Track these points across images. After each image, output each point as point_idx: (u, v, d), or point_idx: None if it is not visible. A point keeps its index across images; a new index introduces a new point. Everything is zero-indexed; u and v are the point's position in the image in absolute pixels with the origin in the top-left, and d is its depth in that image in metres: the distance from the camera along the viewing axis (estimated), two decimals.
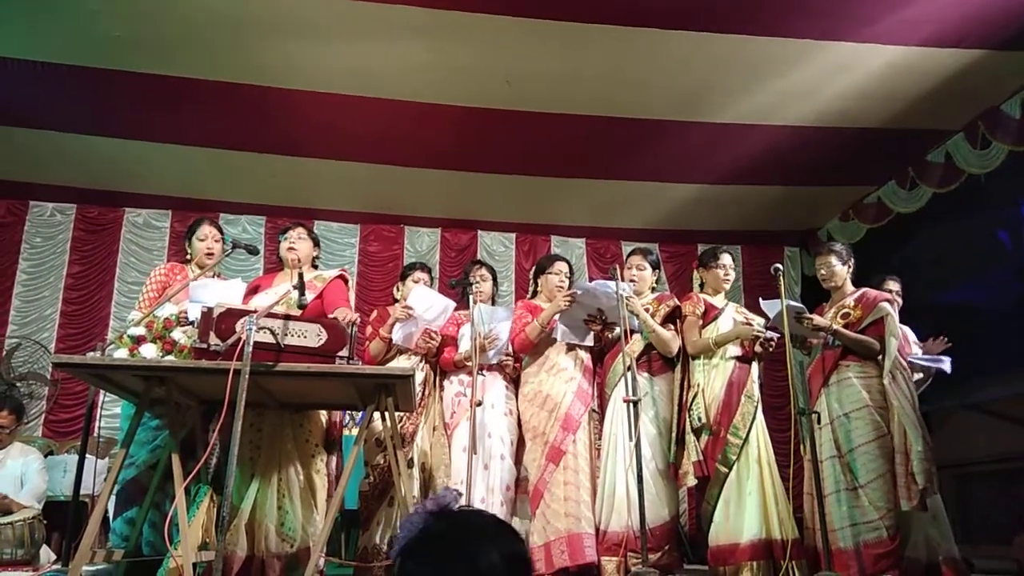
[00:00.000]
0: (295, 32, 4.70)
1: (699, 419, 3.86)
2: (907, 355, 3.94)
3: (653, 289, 4.29)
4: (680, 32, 4.67)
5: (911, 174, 6.15)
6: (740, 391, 3.88)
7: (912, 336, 4.37)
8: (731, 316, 4.10)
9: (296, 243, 3.81)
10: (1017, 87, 5.14)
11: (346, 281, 3.89)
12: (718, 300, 4.15)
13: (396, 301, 4.13)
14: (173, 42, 4.80)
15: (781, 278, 3.73)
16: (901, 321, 4.07)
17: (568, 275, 4.26)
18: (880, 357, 3.76)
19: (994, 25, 4.55)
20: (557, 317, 3.99)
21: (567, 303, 3.92)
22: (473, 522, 1.22)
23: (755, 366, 4.00)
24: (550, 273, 4.25)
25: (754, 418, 3.83)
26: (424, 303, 3.89)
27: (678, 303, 4.15)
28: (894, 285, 4.32)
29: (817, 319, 3.84)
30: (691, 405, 3.92)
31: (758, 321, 4.03)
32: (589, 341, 4.09)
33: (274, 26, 4.65)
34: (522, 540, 1.23)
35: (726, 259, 4.17)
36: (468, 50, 4.87)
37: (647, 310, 4.08)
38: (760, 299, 3.99)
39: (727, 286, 4.18)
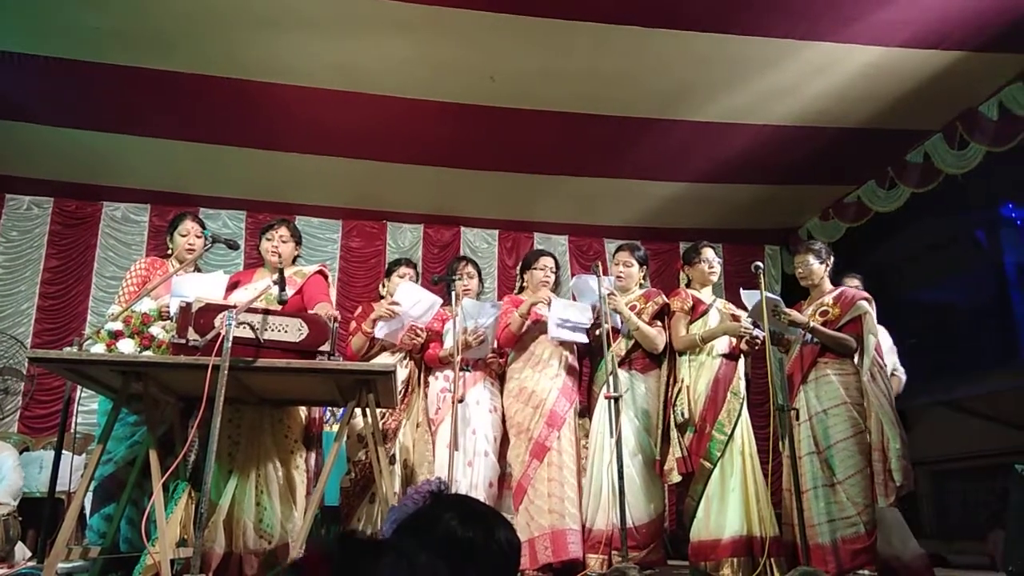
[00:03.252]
0: (278, 26, 4.66)
1: (682, 415, 3.88)
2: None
3: (641, 286, 4.30)
4: (662, 30, 4.68)
5: (890, 174, 6.21)
6: (726, 388, 3.90)
7: (888, 342, 4.41)
8: (718, 311, 4.12)
9: (280, 247, 3.73)
10: (995, 89, 5.20)
11: (326, 276, 3.84)
12: (706, 295, 4.17)
13: (382, 298, 4.10)
14: (154, 35, 4.75)
15: (761, 276, 3.75)
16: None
17: (553, 270, 4.25)
18: (857, 355, 3.81)
19: (973, 28, 4.60)
20: (548, 313, 3.98)
21: (546, 297, 3.95)
22: (476, 506, 1.22)
23: (741, 363, 4.02)
24: (535, 268, 4.24)
25: (739, 415, 3.85)
26: (411, 299, 3.87)
27: (666, 300, 4.17)
28: (853, 282, 4.37)
29: (794, 314, 3.87)
30: (675, 401, 3.94)
31: (745, 316, 4.05)
32: (583, 338, 4.10)
33: (257, 20, 4.61)
34: (513, 527, 1.24)
35: (708, 253, 4.19)
36: (452, 46, 4.86)
37: (633, 307, 4.10)
38: (740, 289, 4.02)
39: (714, 279, 4.20)
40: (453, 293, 3.88)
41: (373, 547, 1.10)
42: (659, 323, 4.11)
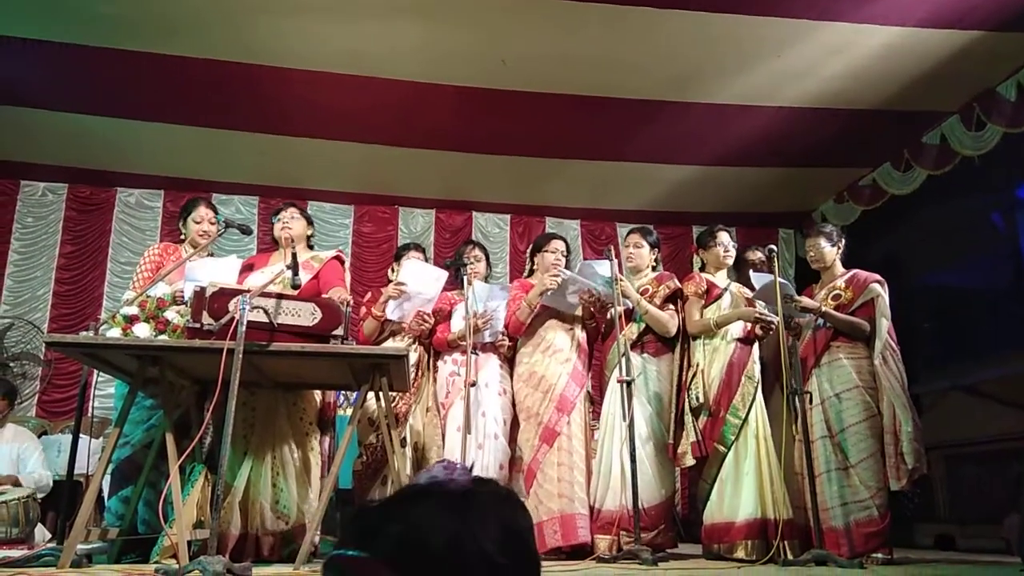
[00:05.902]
0: (289, 10, 4.65)
1: (697, 399, 3.88)
2: None
3: (653, 269, 4.29)
4: (675, 11, 4.63)
5: (906, 156, 6.15)
6: (741, 372, 3.90)
7: None
8: (732, 295, 4.11)
9: (290, 223, 3.81)
10: (1013, 69, 5.12)
11: (342, 262, 3.88)
12: (720, 279, 4.16)
13: (391, 282, 4.12)
14: (166, 20, 4.74)
15: (775, 259, 3.75)
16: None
17: (564, 253, 4.25)
18: (870, 338, 3.79)
19: (991, 6, 4.52)
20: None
21: (553, 283, 3.93)
22: (504, 491, 1.19)
23: (756, 347, 4.02)
24: (546, 251, 4.24)
25: (754, 399, 3.85)
26: (415, 276, 3.89)
27: (679, 284, 4.15)
28: (757, 254, 4.36)
29: (805, 300, 3.85)
30: (690, 385, 3.94)
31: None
32: (576, 311, 4.10)
33: (268, 4, 4.60)
34: (528, 513, 1.22)
35: (723, 237, 4.17)
36: (463, 29, 4.83)
37: (646, 291, 4.09)
38: (751, 272, 4.00)
39: (729, 263, 4.18)
40: (464, 277, 3.89)
41: (383, 509, 1.07)
42: (671, 306, 4.10)
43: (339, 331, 2.99)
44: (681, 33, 4.82)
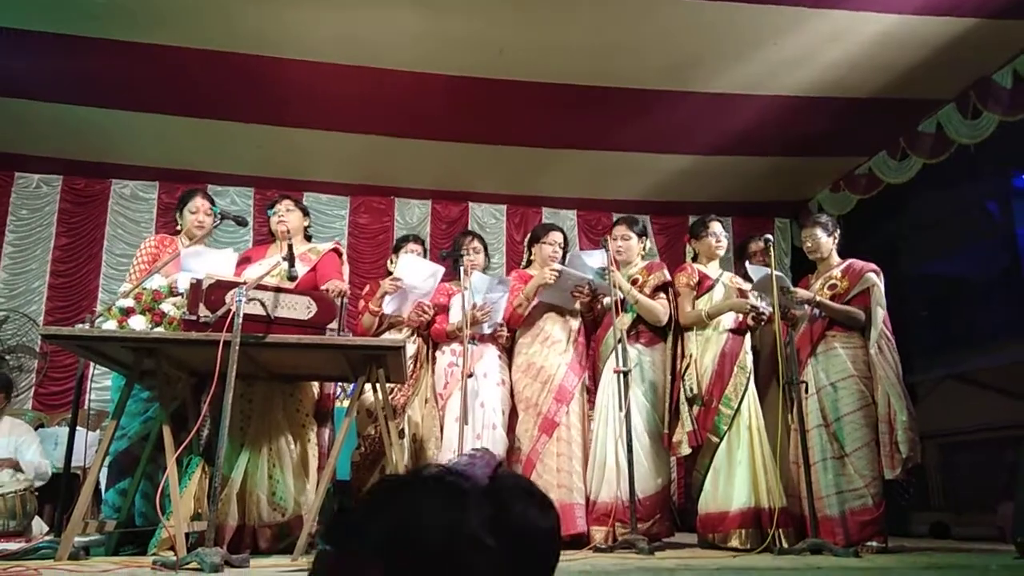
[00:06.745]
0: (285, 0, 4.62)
1: (691, 389, 3.89)
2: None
3: (643, 258, 4.29)
4: (672, 0, 4.62)
5: (902, 144, 6.14)
6: (733, 362, 3.90)
7: None
8: (724, 285, 4.11)
9: (285, 216, 3.79)
10: (1009, 57, 5.11)
11: (340, 254, 3.88)
12: (712, 270, 4.16)
13: (390, 274, 4.11)
14: (161, 10, 4.71)
15: (771, 249, 3.76)
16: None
17: (562, 245, 4.24)
18: (866, 327, 3.80)
19: None
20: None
21: (551, 277, 3.93)
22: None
23: (748, 337, 4.02)
24: (544, 243, 4.23)
25: (746, 389, 3.86)
26: (412, 272, 3.88)
27: (668, 275, 4.15)
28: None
29: (800, 291, 3.86)
30: (684, 375, 3.95)
31: (748, 288, 4.04)
32: (575, 304, 4.10)
33: None
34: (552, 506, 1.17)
35: (715, 227, 4.17)
36: (460, 18, 4.80)
37: (636, 280, 4.09)
38: (747, 263, 4.00)
39: (720, 253, 4.19)
40: (461, 268, 3.88)
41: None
42: (662, 295, 4.09)
43: (334, 324, 3.00)
44: (678, 21, 4.80)
